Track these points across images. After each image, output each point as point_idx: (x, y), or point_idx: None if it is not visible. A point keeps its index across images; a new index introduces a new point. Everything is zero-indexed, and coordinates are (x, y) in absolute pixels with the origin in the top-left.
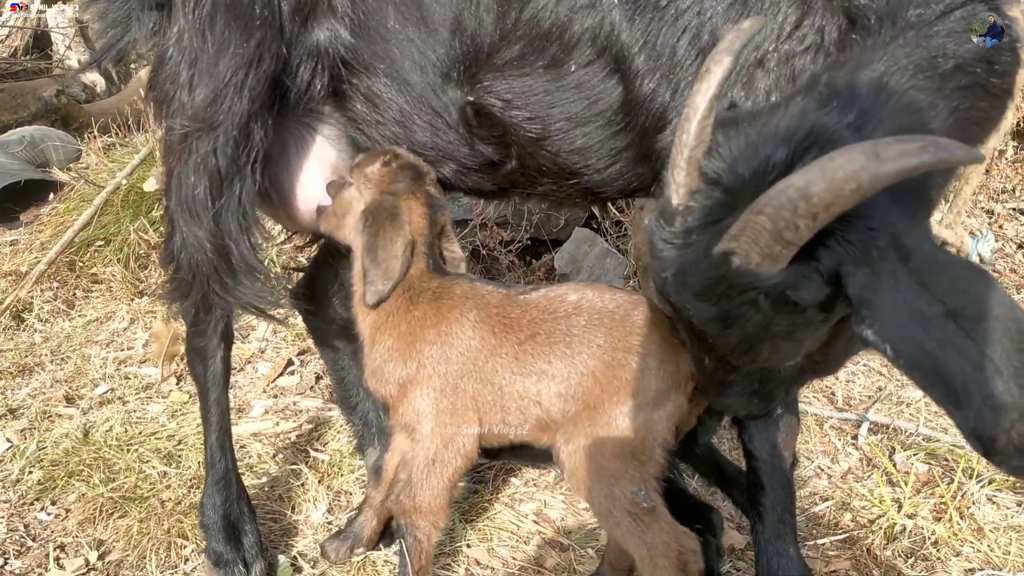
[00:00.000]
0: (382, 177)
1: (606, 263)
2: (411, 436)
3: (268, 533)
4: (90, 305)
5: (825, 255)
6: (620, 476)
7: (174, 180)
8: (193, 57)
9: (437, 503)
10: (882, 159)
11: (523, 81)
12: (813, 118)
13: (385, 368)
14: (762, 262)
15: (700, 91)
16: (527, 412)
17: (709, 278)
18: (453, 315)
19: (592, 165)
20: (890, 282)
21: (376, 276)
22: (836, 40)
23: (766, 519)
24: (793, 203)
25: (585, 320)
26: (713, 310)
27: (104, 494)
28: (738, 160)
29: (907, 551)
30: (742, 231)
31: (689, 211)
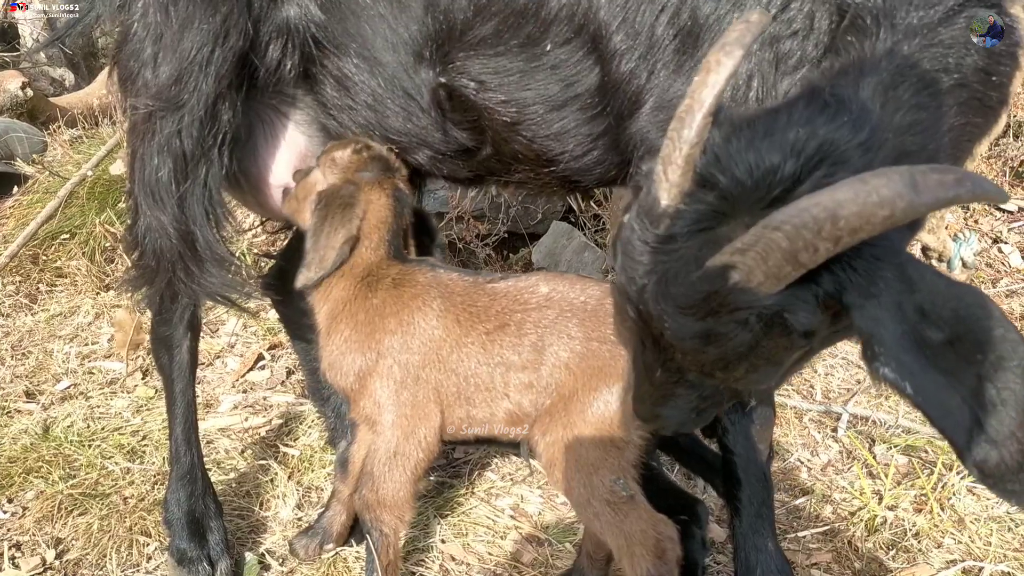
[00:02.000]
0: (349, 163)
1: (584, 257)
2: (372, 428)
3: (235, 530)
4: (54, 299)
5: (827, 280)
6: (599, 465)
7: (137, 162)
8: (157, 33)
9: (401, 496)
10: (920, 190)
11: (497, 61)
12: (823, 132)
13: (343, 360)
14: (765, 281)
15: (707, 83)
16: (495, 405)
17: (699, 292)
18: (415, 303)
19: (569, 151)
20: (898, 315)
21: (311, 261)
22: (827, 29)
23: (743, 513)
24: (819, 223)
25: (556, 312)
26: (696, 326)
27: (63, 491)
28: (739, 165)
29: (888, 543)
30: (751, 246)
31: (678, 214)
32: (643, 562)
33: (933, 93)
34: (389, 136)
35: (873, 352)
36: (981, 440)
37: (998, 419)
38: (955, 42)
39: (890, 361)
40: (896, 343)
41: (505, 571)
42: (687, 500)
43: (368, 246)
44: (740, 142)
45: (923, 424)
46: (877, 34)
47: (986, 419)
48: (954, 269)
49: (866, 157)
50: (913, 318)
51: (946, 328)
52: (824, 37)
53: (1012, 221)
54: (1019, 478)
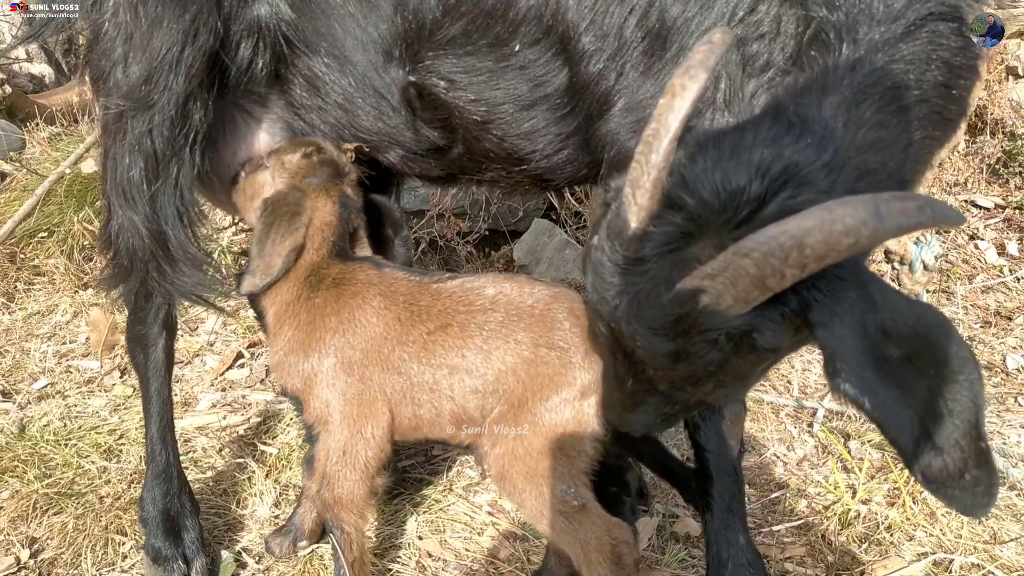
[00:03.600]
0: (298, 168)
1: (565, 254)
2: (324, 428)
3: (212, 528)
4: (31, 298)
5: (793, 299)
6: (549, 476)
7: (109, 161)
8: (128, 32)
9: (356, 494)
10: (883, 217)
11: (467, 60)
12: (788, 153)
13: (288, 360)
14: (734, 304)
15: (673, 108)
16: (440, 406)
17: (670, 314)
18: (355, 301)
19: (540, 151)
20: (860, 333)
21: (256, 268)
22: (794, 33)
23: (715, 509)
24: (785, 251)
25: (502, 315)
26: (667, 346)
27: (39, 490)
28: (704, 186)
29: (861, 536)
30: (720, 271)
31: (648, 236)
32: (600, 568)
33: (894, 111)
34: (360, 135)
35: (835, 368)
36: (927, 448)
37: (944, 428)
38: (916, 58)
39: (851, 377)
40: (857, 360)
41: (482, 567)
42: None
43: (311, 247)
44: (706, 162)
45: None
46: (839, 49)
47: (934, 428)
48: (915, 272)
49: (830, 178)
50: (874, 336)
51: (905, 345)
52: (790, 41)
53: (988, 218)
54: (960, 484)
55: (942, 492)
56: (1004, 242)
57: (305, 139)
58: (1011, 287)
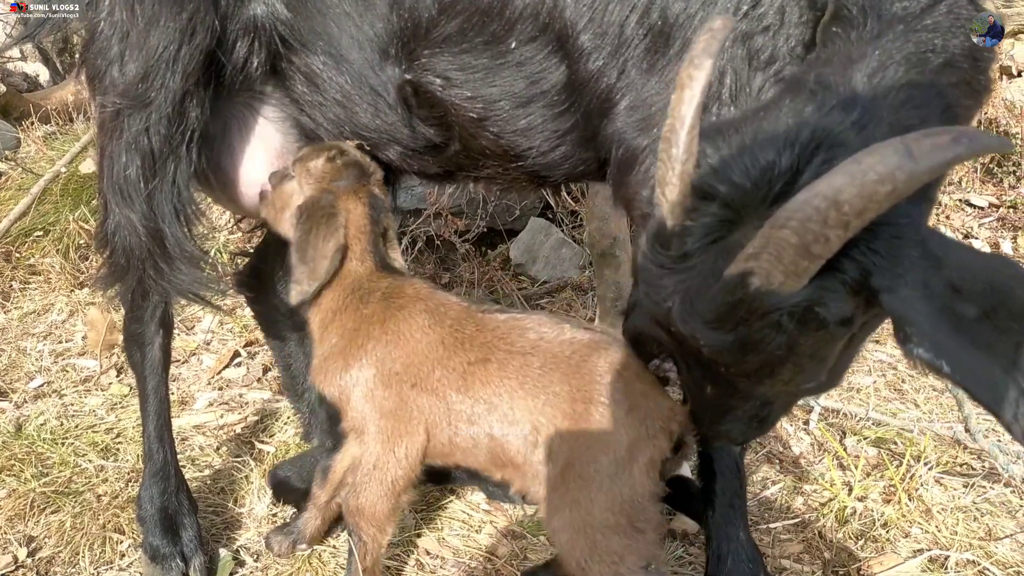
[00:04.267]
0: (324, 173)
1: (562, 253)
2: (360, 438)
3: (210, 527)
4: (27, 297)
5: (850, 266)
6: (624, 554)
7: (106, 160)
8: (124, 31)
9: (379, 509)
10: (916, 156)
11: (463, 58)
12: (814, 119)
13: (328, 365)
14: (786, 280)
15: (684, 99)
16: (478, 440)
17: (724, 304)
18: (402, 314)
19: (536, 147)
20: (926, 293)
21: (302, 274)
22: (798, 23)
23: (716, 504)
24: (822, 213)
25: (540, 363)
26: (729, 338)
27: (36, 489)
28: (734, 170)
29: (857, 533)
30: (762, 248)
31: (687, 231)
32: None
33: (923, 72)
34: (359, 132)
35: (905, 334)
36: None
37: None
38: (938, 26)
39: (923, 341)
40: (928, 322)
41: (480, 564)
42: None
43: (352, 256)
44: (731, 148)
45: (893, 416)
46: (864, 24)
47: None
48: None
49: (862, 135)
50: (943, 295)
51: (980, 301)
52: (795, 31)
53: (983, 217)
54: None
55: None
56: (998, 241)
57: (327, 144)
58: None
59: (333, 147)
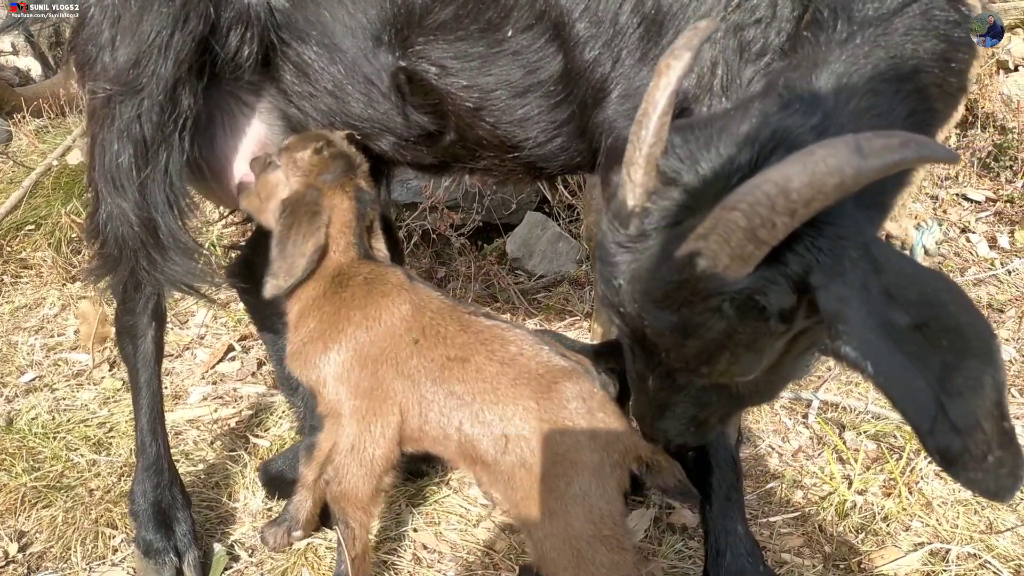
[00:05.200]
0: (311, 165)
1: (558, 247)
2: (336, 421)
3: (204, 521)
4: (18, 291)
5: (793, 260)
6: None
7: (97, 148)
8: (115, 15)
9: (362, 490)
10: (865, 154)
11: (458, 46)
12: (776, 120)
13: (305, 350)
14: (731, 264)
15: (659, 86)
16: (448, 432)
17: (671, 283)
18: (384, 301)
19: (533, 138)
20: (863, 295)
21: (279, 269)
22: (790, 17)
23: (713, 498)
24: (771, 198)
25: (513, 376)
26: (672, 319)
27: (27, 484)
28: (698, 160)
29: (857, 526)
30: (712, 230)
31: (646, 212)
32: None
33: (889, 79)
34: (351, 123)
35: (836, 331)
36: (945, 427)
37: (964, 407)
38: (910, 29)
39: (852, 340)
40: (860, 322)
41: (478, 559)
42: None
43: (336, 249)
44: (699, 141)
45: (892, 410)
46: (834, 27)
47: (951, 406)
48: (916, 256)
49: (821, 139)
50: (878, 299)
51: (913, 312)
52: (787, 25)
53: (980, 211)
54: (982, 466)
55: (962, 475)
56: (995, 235)
57: (313, 133)
58: (1003, 280)
59: (320, 137)
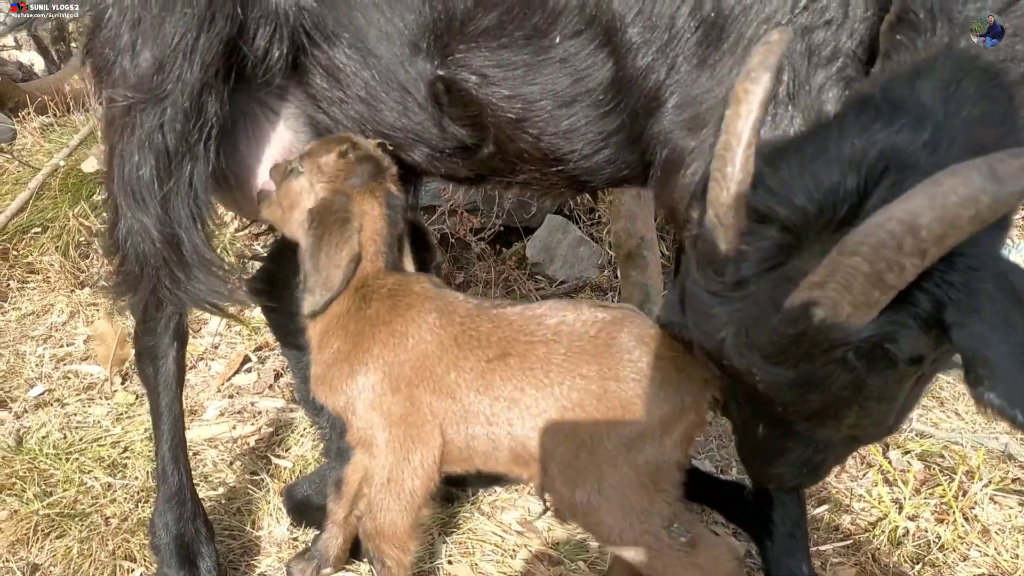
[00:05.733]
0: (337, 170)
1: (580, 251)
2: (368, 451)
3: (227, 552)
4: (25, 297)
5: (923, 299)
6: (646, 512)
7: (116, 159)
8: (135, 17)
9: (399, 527)
10: (1001, 179)
11: (501, 54)
12: (882, 137)
13: (330, 374)
14: (854, 312)
15: (740, 115)
16: (497, 440)
17: (785, 337)
18: (409, 313)
19: (578, 151)
20: (1004, 333)
21: (315, 284)
22: (863, 17)
23: (775, 534)
24: (897, 239)
25: (564, 348)
26: (790, 374)
27: (39, 511)
28: (795, 191)
29: (913, 556)
30: (829, 276)
31: (742, 257)
32: None
33: (1002, 84)
34: (383, 131)
35: (976, 375)
36: None
37: None
38: (1019, 30)
39: (996, 385)
40: (1003, 364)
41: None
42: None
43: (365, 257)
44: (791, 168)
45: (934, 427)
46: (933, 29)
47: None
48: None
49: (935, 157)
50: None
51: None
52: (860, 26)
53: None
54: None
55: None
56: None
57: (337, 136)
58: None
59: (344, 140)
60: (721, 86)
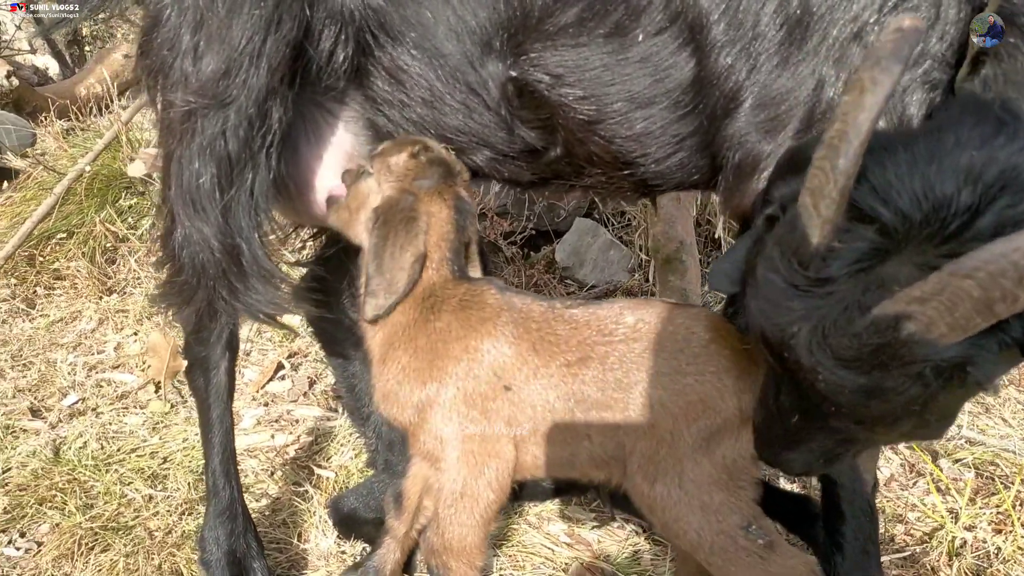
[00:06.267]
0: (407, 170)
1: (610, 255)
2: (435, 465)
3: (274, 565)
4: (53, 304)
5: (1016, 326)
6: (726, 510)
7: (174, 165)
8: (198, 18)
9: (469, 542)
10: None
11: (578, 52)
12: (1004, 155)
13: (400, 391)
14: (948, 333)
15: (865, 106)
16: (576, 446)
17: (867, 344)
18: (485, 328)
19: (651, 154)
20: None
21: (378, 287)
22: (955, 19)
23: (847, 550)
24: (1021, 270)
25: (644, 345)
26: (860, 380)
27: (81, 524)
28: (901, 195)
29: (974, 569)
30: (934, 295)
31: (833, 253)
32: None
33: None
34: (446, 135)
35: None
36: None
37: None
38: None
39: None
40: None
41: None
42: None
43: (430, 265)
44: (900, 168)
45: (982, 433)
46: None
47: None
48: None
49: None
50: None
51: None
52: (951, 29)
53: None
54: None
55: None
56: None
57: (409, 138)
58: None
59: (417, 142)
60: (802, 88)
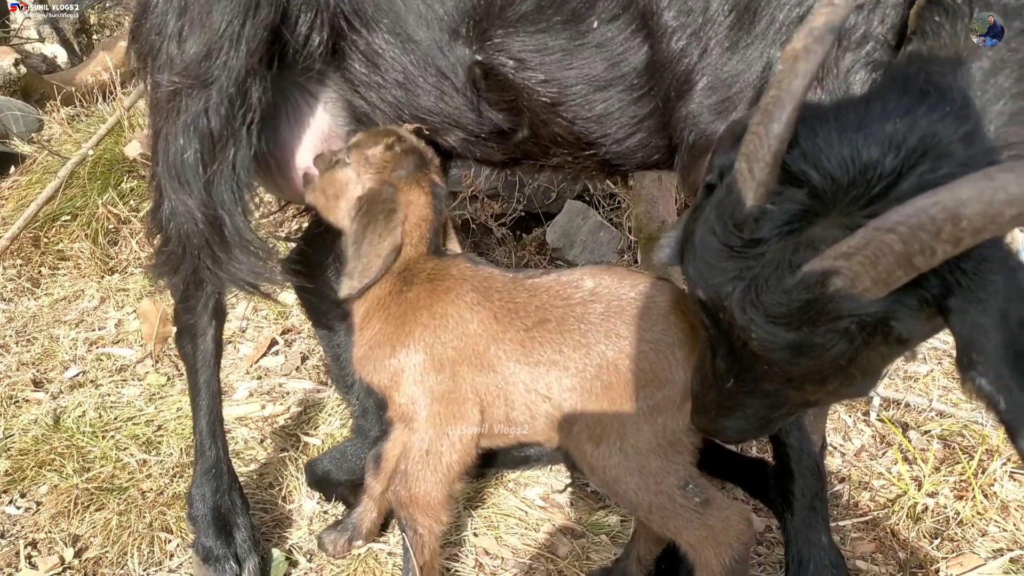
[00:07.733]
0: (384, 162)
1: (599, 236)
2: (408, 426)
3: (259, 524)
4: (57, 283)
5: (934, 283)
6: (663, 473)
7: (161, 142)
8: (183, 5)
9: (434, 497)
10: None
11: (539, 39)
12: (925, 123)
13: (374, 353)
14: (872, 288)
15: (798, 72)
16: (535, 408)
17: (796, 300)
18: (448, 296)
19: (611, 135)
20: (1002, 323)
21: (354, 269)
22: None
23: (795, 507)
24: (938, 224)
25: (603, 308)
26: (789, 336)
27: (78, 485)
28: (830, 160)
29: (932, 532)
30: (859, 250)
31: (766, 215)
32: (730, 551)
33: None
34: (420, 116)
35: (970, 360)
36: None
37: None
38: None
39: (988, 371)
40: (997, 353)
41: (541, 564)
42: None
43: (409, 244)
44: (830, 135)
45: (956, 408)
46: (970, 15)
47: None
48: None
49: (970, 150)
50: (1016, 329)
51: None
52: (891, 12)
53: None
54: None
55: None
56: None
57: (382, 129)
58: None
59: (390, 133)
60: (751, 70)
